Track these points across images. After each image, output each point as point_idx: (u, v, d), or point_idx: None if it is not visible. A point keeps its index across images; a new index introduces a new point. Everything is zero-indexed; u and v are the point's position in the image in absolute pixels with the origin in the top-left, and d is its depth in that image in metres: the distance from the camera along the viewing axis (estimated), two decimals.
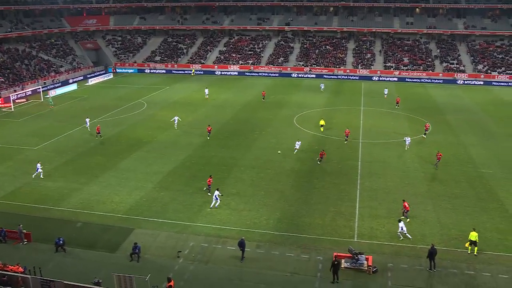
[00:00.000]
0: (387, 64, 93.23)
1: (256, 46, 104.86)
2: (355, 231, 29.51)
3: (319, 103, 66.90)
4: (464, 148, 46.04)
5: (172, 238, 28.77)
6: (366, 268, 25.38)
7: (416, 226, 29.95)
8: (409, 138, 45.89)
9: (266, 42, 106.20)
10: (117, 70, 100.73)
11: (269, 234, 29.22)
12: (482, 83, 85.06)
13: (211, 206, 32.67)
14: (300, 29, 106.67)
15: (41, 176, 38.30)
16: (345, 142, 46.70)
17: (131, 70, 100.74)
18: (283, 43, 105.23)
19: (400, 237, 28.60)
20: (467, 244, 27.44)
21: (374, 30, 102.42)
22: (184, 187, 36.33)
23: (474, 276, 24.87)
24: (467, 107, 65.01)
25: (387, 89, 68.51)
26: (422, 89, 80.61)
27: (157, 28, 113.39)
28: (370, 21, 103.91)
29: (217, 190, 33.23)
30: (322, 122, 51.16)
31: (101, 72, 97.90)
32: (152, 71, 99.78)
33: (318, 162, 41.67)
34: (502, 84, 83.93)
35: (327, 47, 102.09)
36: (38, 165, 38.84)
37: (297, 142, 44.54)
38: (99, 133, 49.44)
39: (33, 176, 38.38)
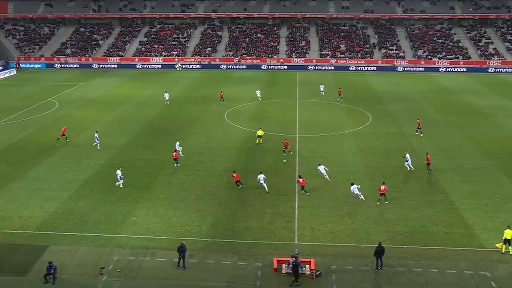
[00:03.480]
0: (323, 52, 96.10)
1: (180, 36, 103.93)
2: (295, 233, 30.16)
3: (251, 96, 67.55)
4: (406, 138, 48.48)
5: (93, 253, 27.91)
6: (309, 272, 25.99)
7: (360, 224, 31.18)
8: (408, 157, 40.36)
9: (192, 31, 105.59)
10: (21, 65, 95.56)
11: (202, 242, 29.19)
12: (422, 69, 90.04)
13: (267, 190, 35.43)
14: (228, 16, 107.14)
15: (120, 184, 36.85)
16: (284, 155, 43.27)
17: (38, 65, 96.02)
18: (210, 31, 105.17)
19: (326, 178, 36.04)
20: (499, 245, 28.18)
21: (308, 16, 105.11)
22: (105, 195, 35.36)
23: (422, 273, 26.15)
24: (408, 96, 68.57)
25: (323, 85, 69.07)
26: (361, 77, 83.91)
27: (67, 16, 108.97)
28: (304, 6, 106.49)
29: (261, 173, 36.18)
30: (260, 133, 47.07)
31: (0, 68, 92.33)
32: (63, 65, 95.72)
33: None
34: (442, 70, 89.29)
35: (258, 35, 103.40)
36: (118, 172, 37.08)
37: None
38: (63, 135, 47.46)
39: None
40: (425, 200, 34.68)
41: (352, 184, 34.84)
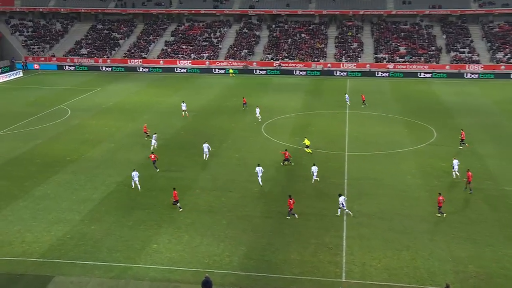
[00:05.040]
0: (378, 56, 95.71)
1: (212, 35, 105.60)
2: (342, 269, 29.83)
3: (293, 106, 67.77)
4: (480, 160, 47.49)
5: (106, 286, 28.28)
6: None
7: (422, 261, 30.57)
8: (456, 163, 42.93)
9: (225, 29, 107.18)
10: (29, 67, 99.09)
11: (232, 275, 29.20)
12: (501, 76, 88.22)
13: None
14: (268, 13, 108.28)
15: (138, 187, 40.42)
16: (291, 164, 45.54)
17: (49, 67, 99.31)
18: (246, 31, 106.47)
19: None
20: None
21: (361, 13, 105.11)
22: (122, 218, 35.92)
23: None
24: (482, 108, 67.36)
25: (347, 95, 70.08)
26: (423, 85, 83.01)
27: (82, 11, 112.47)
28: (357, 1, 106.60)
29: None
30: (307, 142, 49.44)
31: (5, 69, 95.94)
32: (77, 68, 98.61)
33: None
34: None
35: (302, 35, 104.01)
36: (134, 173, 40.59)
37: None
38: (146, 133, 52.78)
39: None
40: (504, 236, 33.68)
41: (340, 195, 36.11)
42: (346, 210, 35.87)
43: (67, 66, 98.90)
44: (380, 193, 39.93)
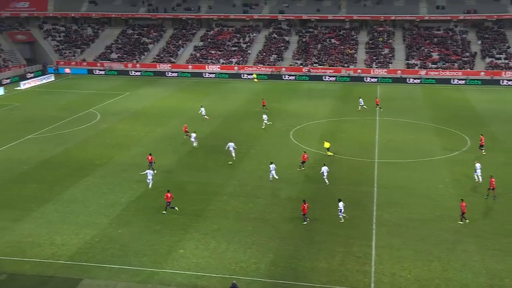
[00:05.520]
0: (410, 62, 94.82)
1: (241, 41, 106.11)
2: (371, 278, 29.57)
3: (322, 112, 67.59)
4: None
5: None
6: None
7: (454, 273, 30.08)
8: (478, 167, 43.19)
9: (254, 35, 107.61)
10: (60, 71, 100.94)
11: (259, 283, 29.17)
12: None
13: None
14: (298, 18, 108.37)
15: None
16: (302, 169, 45.95)
17: (79, 71, 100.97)
18: (275, 36, 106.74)
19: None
20: None
21: (393, 18, 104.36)
22: (149, 222, 36.25)
23: None
24: None
25: (361, 99, 69.88)
26: (457, 92, 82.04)
27: (113, 16, 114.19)
28: (388, 6, 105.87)
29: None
30: (327, 145, 50.53)
31: (38, 73, 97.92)
32: (107, 72, 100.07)
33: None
34: None
35: (333, 40, 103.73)
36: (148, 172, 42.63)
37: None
38: (186, 132, 54.17)
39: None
40: None
41: (340, 200, 36.45)
42: (342, 215, 36.26)
43: (97, 71, 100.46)
44: (410, 202, 39.50)
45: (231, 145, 48.91)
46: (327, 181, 42.75)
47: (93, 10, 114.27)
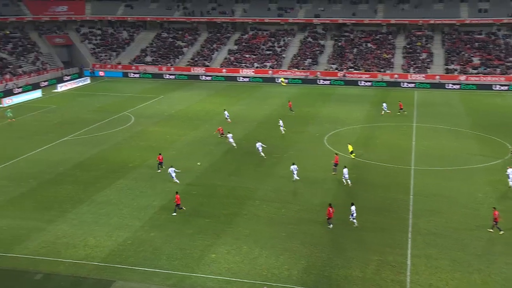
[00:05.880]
0: (449, 67, 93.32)
1: (276, 44, 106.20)
2: None
3: (357, 118, 67.07)
4: None
5: None
6: None
7: (495, 286, 29.39)
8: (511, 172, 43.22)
9: (289, 39, 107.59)
10: (96, 74, 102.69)
11: None
12: None
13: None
14: (334, 22, 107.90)
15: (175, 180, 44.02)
16: (334, 174, 46.26)
17: (114, 74, 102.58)
18: (311, 40, 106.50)
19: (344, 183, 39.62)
20: None
21: (432, 22, 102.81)
22: (181, 226, 36.50)
23: None
24: None
25: (385, 104, 69.36)
26: (499, 99, 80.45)
27: (148, 19, 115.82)
28: (427, 10, 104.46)
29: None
30: (350, 148, 50.94)
31: (74, 76, 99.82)
32: (141, 75, 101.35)
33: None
34: None
35: (369, 45, 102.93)
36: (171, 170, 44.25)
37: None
38: (222, 134, 55.84)
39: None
40: None
41: (352, 204, 36.71)
42: (352, 219, 36.33)
43: (131, 74, 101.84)
44: (449, 211, 38.80)
45: (258, 144, 50.71)
46: (349, 182, 43.46)
47: (128, 13, 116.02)
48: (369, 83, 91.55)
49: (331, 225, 36.13)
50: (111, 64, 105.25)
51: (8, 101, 77.07)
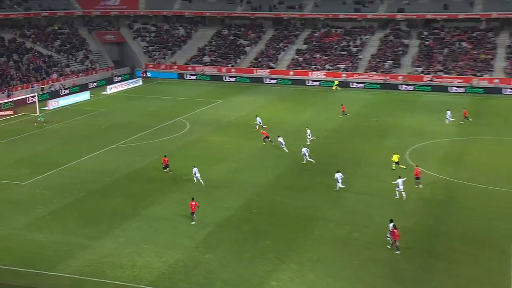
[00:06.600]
0: None
1: (351, 44, 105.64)
2: None
3: (446, 130, 65.67)
4: None
5: None
6: None
7: None
8: None
9: (367, 37, 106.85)
10: (148, 74, 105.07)
11: None
12: None
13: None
14: (421, 18, 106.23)
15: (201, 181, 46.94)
16: (419, 187, 46.52)
17: (169, 75, 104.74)
18: (392, 39, 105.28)
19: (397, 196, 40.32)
20: None
21: None
22: (239, 248, 36.67)
23: None
24: None
25: (450, 111, 68.51)
26: None
27: (208, 14, 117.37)
28: None
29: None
30: (395, 158, 51.16)
31: (125, 77, 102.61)
32: (198, 77, 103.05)
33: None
34: None
35: (463, 44, 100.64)
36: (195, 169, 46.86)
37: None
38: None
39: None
40: None
41: (391, 221, 36.39)
42: (390, 240, 36.22)
43: (187, 75, 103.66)
44: None
45: (304, 150, 52.96)
46: (404, 195, 43.91)
47: (186, 8, 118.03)
48: (462, 89, 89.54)
49: (391, 247, 35.82)
50: (165, 64, 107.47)
51: (55, 104, 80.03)
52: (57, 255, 35.86)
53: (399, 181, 43.81)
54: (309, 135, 60.05)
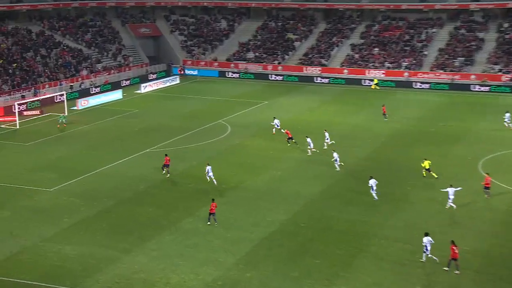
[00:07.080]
0: None
1: (415, 38, 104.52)
2: None
3: None
4: None
5: None
6: None
7: None
8: None
9: (434, 31, 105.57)
10: (187, 72, 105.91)
11: None
12: None
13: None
14: (500, 7, 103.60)
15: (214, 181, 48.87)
16: (486, 197, 46.60)
17: (209, 73, 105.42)
18: (464, 32, 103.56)
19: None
20: None
21: None
22: (285, 265, 36.53)
23: None
24: None
25: (508, 113, 67.84)
26: None
27: (253, 5, 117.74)
28: None
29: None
30: (426, 165, 51.24)
31: (161, 74, 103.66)
32: (242, 75, 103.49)
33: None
34: None
35: None
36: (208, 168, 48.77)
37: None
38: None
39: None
40: None
41: (427, 234, 36.36)
42: (430, 255, 36.28)
43: (229, 73, 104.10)
44: None
45: (336, 155, 53.45)
46: (454, 206, 44.44)
47: None
48: None
49: (449, 268, 35.40)
50: (205, 60, 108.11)
51: (84, 103, 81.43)
52: (84, 269, 36.25)
53: (450, 190, 43.72)
54: (327, 138, 60.22)
